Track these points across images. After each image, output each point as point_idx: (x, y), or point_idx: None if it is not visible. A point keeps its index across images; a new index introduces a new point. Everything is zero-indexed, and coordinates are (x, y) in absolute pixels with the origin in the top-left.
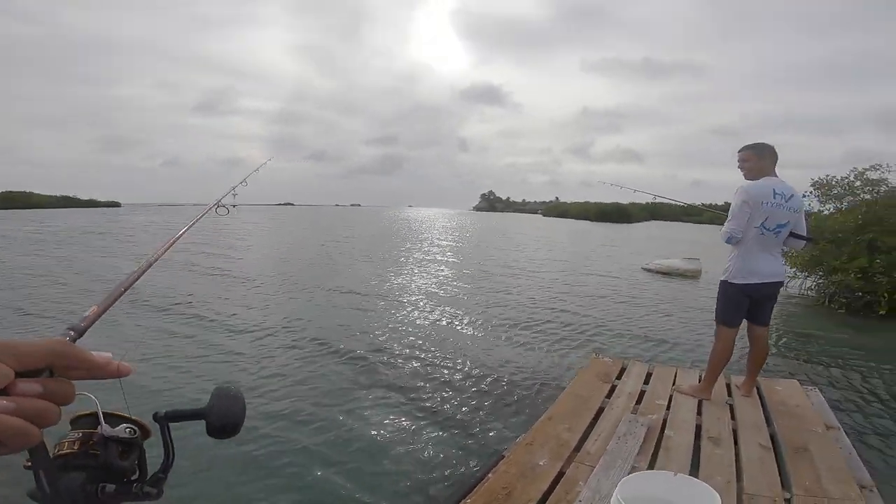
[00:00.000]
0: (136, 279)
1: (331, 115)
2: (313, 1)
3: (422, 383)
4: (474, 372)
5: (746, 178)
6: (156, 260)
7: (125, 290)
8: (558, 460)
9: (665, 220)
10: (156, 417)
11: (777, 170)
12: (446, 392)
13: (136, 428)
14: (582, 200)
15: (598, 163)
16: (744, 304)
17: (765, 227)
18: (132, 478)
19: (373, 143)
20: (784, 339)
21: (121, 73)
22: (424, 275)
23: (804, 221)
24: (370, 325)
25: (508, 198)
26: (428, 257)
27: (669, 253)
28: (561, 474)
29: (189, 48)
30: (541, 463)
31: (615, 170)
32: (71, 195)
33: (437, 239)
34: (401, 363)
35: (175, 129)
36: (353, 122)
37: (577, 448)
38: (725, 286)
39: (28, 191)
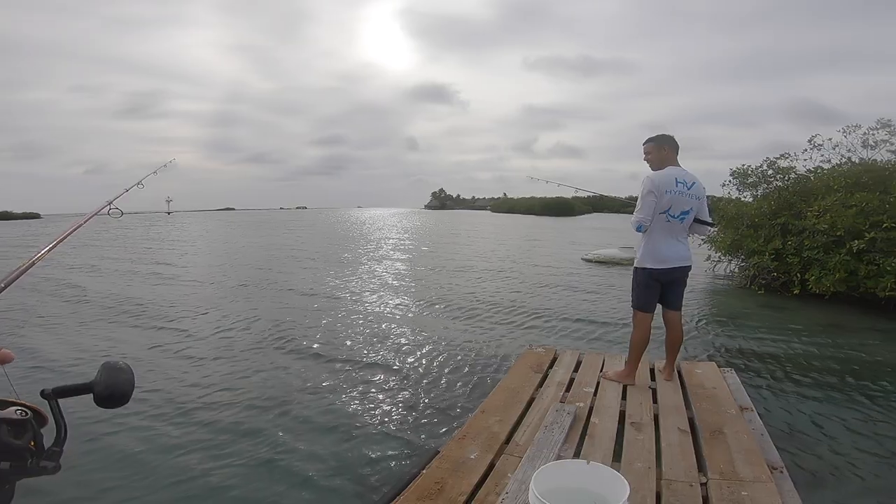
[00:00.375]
0: (16, 278)
1: (270, 116)
2: (247, 1)
3: (365, 380)
4: (415, 368)
5: (652, 168)
6: (37, 261)
7: (5, 286)
8: (489, 453)
9: (606, 213)
10: (43, 394)
11: (702, 161)
12: (388, 389)
13: (26, 410)
14: (528, 196)
15: (542, 159)
16: (655, 288)
17: (670, 215)
18: (29, 454)
19: (317, 144)
20: (707, 322)
21: (31, 77)
22: (370, 274)
23: (707, 207)
24: (312, 323)
25: (458, 195)
26: (375, 256)
27: (608, 243)
28: (491, 467)
29: (110, 50)
30: (472, 456)
31: (558, 165)
32: None
33: (386, 238)
34: (344, 360)
35: (99, 134)
36: (295, 124)
37: (508, 440)
38: (637, 273)
39: None
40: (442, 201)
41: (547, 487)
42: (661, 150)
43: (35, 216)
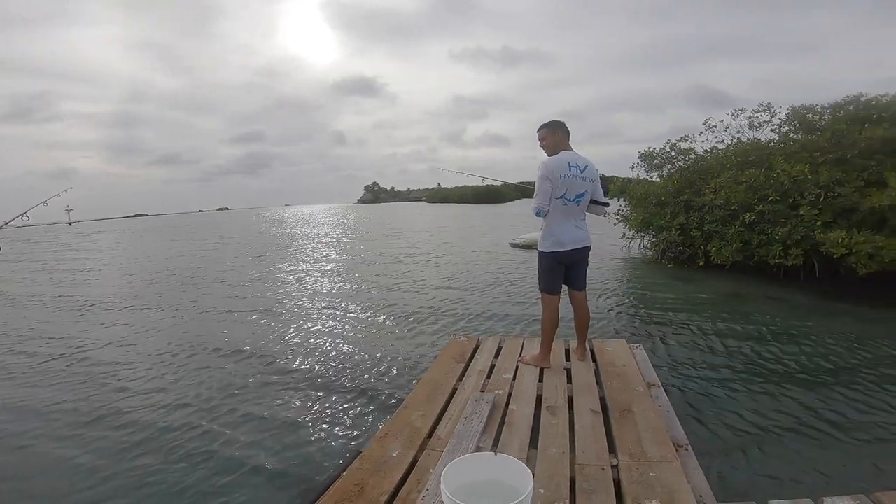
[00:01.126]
0: None
1: (180, 115)
2: None
3: (285, 383)
4: (341, 367)
5: (547, 154)
6: None
7: None
8: (411, 449)
9: (531, 198)
10: None
11: (616, 146)
12: (311, 391)
13: None
14: (461, 185)
15: (472, 148)
16: (559, 270)
17: (566, 199)
18: None
19: (234, 142)
20: (621, 298)
21: None
22: (293, 273)
23: (601, 188)
24: (229, 327)
25: (393, 188)
26: (299, 255)
27: (534, 227)
28: (414, 463)
29: None
30: (394, 454)
31: (487, 154)
32: None
33: (313, 235)
34: (263, 363)
35: None
36: (209, 122)
37: (430, 434)
38: (541, 256)
39: None
40: (375, 194)
41: (459, 483)
42: (555, 135)
43: None
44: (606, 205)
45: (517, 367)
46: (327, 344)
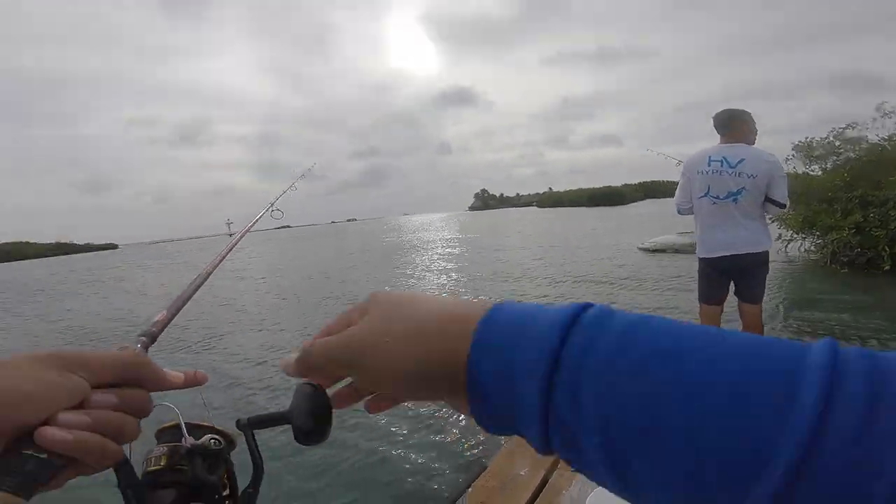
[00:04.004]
0: (200, 285)
1: (308, 132)
2: (271, 20)
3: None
4: None
5: None
6: (214, 268)
7: (189, 296)
8: (541, 468)
9: (659, 198)
10: (239, 425)
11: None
12: (435, 406)
13: (220, 438)
14: (574, 188)
15: (580, 150)
16: (714, 278)
17: (714, 197)
18: (223, 493)
19: (356, 156)
20: (786, 309)
21: (84, 111)
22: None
23: (779, 184)
24: None
25: (502, 194)
26: (424, 265)
27: (664, 229)
28: (544, 483)
29: (153, 80)
30: (522, 472)
31: (597, 154)
32: (66, 241)
33: (436, 245)
34: None
35: (158, 163)
36: (333, 138)
37: None
38: (698, 262)
39: (24, 241)
40: (485, 202)
41: None
42: (715, 128)
43: (112, 247)
44: (782, 206)
45: None
46: None
